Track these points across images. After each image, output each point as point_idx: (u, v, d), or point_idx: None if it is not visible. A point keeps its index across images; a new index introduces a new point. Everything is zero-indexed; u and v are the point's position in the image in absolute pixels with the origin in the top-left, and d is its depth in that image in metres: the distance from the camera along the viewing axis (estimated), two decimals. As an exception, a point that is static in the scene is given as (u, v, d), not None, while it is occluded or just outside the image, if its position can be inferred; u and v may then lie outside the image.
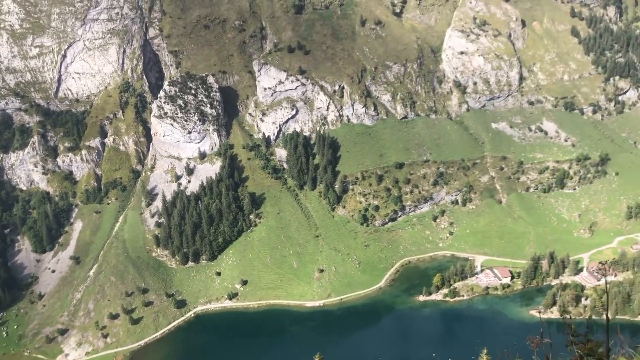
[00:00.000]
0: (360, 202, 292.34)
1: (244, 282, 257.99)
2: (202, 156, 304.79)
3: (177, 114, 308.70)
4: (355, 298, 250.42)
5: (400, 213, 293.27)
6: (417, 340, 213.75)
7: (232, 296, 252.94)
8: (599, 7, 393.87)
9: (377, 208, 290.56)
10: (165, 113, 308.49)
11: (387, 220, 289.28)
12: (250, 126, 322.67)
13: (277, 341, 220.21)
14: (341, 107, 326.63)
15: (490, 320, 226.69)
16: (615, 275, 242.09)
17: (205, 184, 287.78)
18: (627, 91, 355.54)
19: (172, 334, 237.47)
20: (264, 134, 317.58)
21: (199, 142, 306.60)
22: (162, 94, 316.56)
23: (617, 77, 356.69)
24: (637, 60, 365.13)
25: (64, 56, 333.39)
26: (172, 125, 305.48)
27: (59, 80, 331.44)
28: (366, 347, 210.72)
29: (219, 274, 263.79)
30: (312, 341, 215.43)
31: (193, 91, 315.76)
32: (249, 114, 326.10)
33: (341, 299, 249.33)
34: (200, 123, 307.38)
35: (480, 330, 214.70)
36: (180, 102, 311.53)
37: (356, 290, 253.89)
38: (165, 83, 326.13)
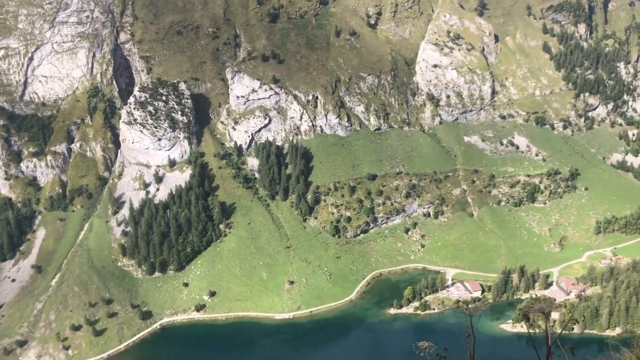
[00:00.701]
0: (332, 213, 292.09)
1: (212, 294, 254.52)
2: (172, 164, 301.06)
3: (147, 120, 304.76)
4: (326, 310, 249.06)
5: (372, 225, 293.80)
6: (388, 354, 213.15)
7: (200, 308, 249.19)
8: (570, 25, 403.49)
9: (349, 219, 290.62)
10: (135, 119, 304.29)
11: (359, 231, 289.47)
12: (222, 134, 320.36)
13: (245, 354, 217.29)
14: (314, 117, 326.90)
15: (461, 334, 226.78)
16: (584, 291, 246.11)
17: (174, 193, 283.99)
18: (596, 107, 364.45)
19: (137, 346, 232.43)
20: (235, 142, 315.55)
21: (169, 150, 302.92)
22: (132, 99, 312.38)
23: (587, 94, 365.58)
24: (606, 77, 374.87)
25: (31, 59, 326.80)
26: (142, 132, 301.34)
27: (25, 84, 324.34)
28: (337, 359, 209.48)
29: (186, 284, 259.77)
30: (282, 354, 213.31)
31: (164, 98, 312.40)
32: (221, 122, 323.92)
33: (311, 312, 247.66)
34: (171, 130, 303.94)
35: (451, 344, 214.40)
36: (150, 108, 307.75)
37: (327, 302, 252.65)
38: (136, 89, 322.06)
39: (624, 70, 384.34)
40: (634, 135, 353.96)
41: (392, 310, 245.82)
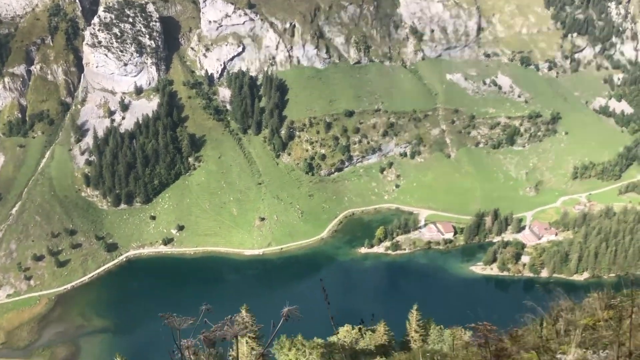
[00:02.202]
0: (307, 150, 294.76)
1: (181, 228, 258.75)
2: (139, 91, 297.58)
3: (112, 43, 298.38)
4: (296, 248, 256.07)
5: (347, 163, 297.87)
6: (357, 292, 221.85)
7: (167, 241, 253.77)
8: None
9: (323, 157, 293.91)
10: (99, 42, 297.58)
11: (333, 170, 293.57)
12: (192, 62, 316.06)
13: (213, 289, 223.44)
14: (291, 47, 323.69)
15: (431, 275, 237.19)
16: (556, 235, 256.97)
17: (141, 122, 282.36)
18: (583, 49, 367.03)
19: (102, 278, 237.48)
20: (206, 71, 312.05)
21: (135, 76, 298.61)
22: (96, 20, 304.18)
23: (575, 34, 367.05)
24: (596, 18, 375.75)
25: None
26: (107, 55, 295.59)
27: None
28: (306, 296, 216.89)
29: (153, 218, 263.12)
30: (250, 290, 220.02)
31: (131, 20, 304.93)
32: (191, 48, 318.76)
33: (282, 249, 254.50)
34: (138, 55, 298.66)
35: (420, 284, 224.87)
36: (116, 30, 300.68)
37: (297, 240, 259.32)
38: (100, 9, 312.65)
39: (614, 11, 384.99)
40: (619, 79, 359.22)
41: (363, 250, 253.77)
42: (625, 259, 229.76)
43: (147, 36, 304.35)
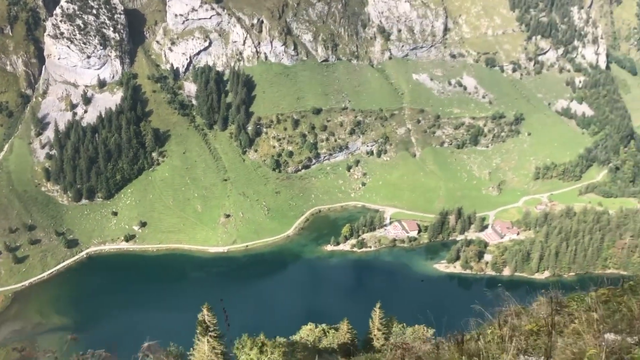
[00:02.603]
0: (274, 147, 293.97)
1: (143, 224, 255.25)
2: (102, 84, 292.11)
3: (75, 35, 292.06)
4: (262, 245, 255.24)
5: (314, 161, 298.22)
6: (322, 290, 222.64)
7: (129, 238, 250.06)
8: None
9: (290, 154, 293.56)
10: (62, 33, 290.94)
11: (300, 167, 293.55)
12: (158, 55, 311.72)
13: (176, 286, 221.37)
14: (259, 43, 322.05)
15: (395, 273, 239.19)
16: (518, 234, 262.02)
17: (103, 116, 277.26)
18: (547, 52, 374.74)
19: (61, 274, 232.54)
20: (172, 65, 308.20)
21: (98, 69, 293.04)
22: (58, 11, 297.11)
23: (538, 37, 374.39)
24: (559, 22, 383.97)
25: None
26: (69, 47, 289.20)
27: None
28: (270, 294, 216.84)
29: (115, 213, 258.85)
30: (215, 288, 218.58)
31: (94, 11, 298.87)
32: (157, 41, 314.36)
33: (247, 246, 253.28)
34: (101, 47, 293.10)
35: (385, 282, 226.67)
36: (79, 22, 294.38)
37: (263, 237, 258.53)
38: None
39: (576, 15, 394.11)
40: (580, 82, 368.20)
41: (329, 247, 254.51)
42: (585, 258, 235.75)
43: (112, 28, 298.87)
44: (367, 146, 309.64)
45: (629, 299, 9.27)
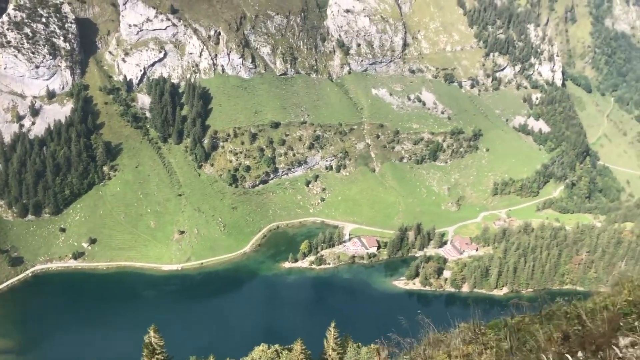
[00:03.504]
0: (231, 161, 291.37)
1: (93, 241, 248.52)
2: (51, 95, 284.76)
3: (22, 44, 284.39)
4: (218, 262, 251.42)
5: (272, 175, 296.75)
6: (279, 308, 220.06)
7: (78, 255, 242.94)
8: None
9: (248, 168, 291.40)
10: (8, 42, 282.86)
11: (257, 182, 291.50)
12: (110, 66, 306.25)
13: (127, 306, 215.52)
14: (216, 55, 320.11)
15: (354, 290, 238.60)
16: (477, 250, 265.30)
17: (52, 128, 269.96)
18: (504, 68, 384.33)
19: (5, 295, 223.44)
20: (125, 76, 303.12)
21: (47, 79, 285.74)
22: (5, 18, 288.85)
23: (496, 53, 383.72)
24: (516, 38, 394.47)
25: None
26: (16, 56, 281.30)
27: None
28: (226, 313, 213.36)
29: (63, 230, 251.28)
30: (168, 306, 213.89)
31: (44, 20, 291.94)
32: (109, 52, 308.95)
33: (202, 263, 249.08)
34: (51, 57, 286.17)
35: (344, 300, 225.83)
36: (27, 30, 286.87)
37: (219, 254, 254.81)
38: (10, 6, 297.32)
39: (533, 33, 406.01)
40: (537, 99, 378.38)
41: (287, 264, 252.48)
42: (542, 274, 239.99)
43: (62, 38, 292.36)
44: (326, 161, 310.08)
45: (536, 329, 8.82)
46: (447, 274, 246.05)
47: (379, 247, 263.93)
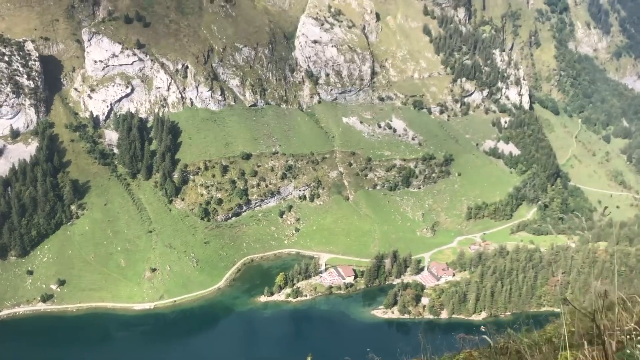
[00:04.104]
0: (202, 195, 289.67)
1: (62, 282, 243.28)
2: (15, 135, 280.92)
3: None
4: (191, 300, 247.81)
5: (245, 207, 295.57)
6: (256, 344, 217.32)
7: (47, 298, 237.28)
8: (450, 8, 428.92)
9: (220, 201, 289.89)
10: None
11: (230, 215, 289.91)
12: (76, 103, 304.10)
13: (99, 348, 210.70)
14: (184, 89, 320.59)
15: (333, 321, 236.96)
16: (454, 275, 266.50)
17: (17, 168, 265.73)
18: (472, 93, 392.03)
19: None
20: (91, 113, 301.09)
21: (11, 118, 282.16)
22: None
23: (463, 79, 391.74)
24: (482, 64, 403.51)
25: None
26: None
27: None
28: (201, 352, 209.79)
29: (30, 272, 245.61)
30: (141, 347, 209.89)
31: (7, 58, 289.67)
32: (75, 88, 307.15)
33: (175, 301, 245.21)
34: (14, 96, 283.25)
35: (322, 332, 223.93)
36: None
37: (193, 291, 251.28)
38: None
39: (499, 57, 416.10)
40: (505, 122, 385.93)
41: (263, 298, 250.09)
42: (520, 297, 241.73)
43: (25, 76, 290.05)
44: (300, 191, 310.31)
45: None
46: (425, 300, 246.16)
47: (355, 277, 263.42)
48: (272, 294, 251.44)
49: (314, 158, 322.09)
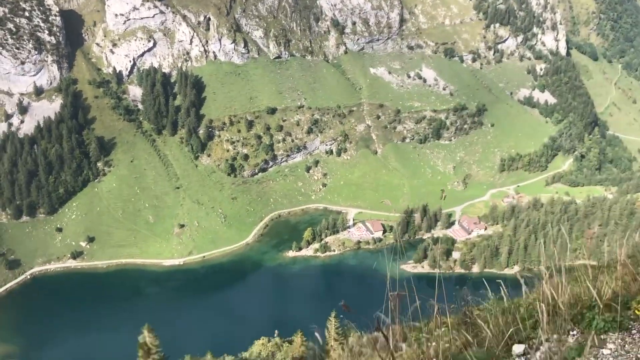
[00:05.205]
0: (228, 151, 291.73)
1: (91, 240, 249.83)
2: (39, 92, 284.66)
3: (6, 40, 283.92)
4: (220, 255, 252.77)
5: (271, 163, 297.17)
6: (285, 299, 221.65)
7: (77, 255, 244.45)
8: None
9: (246, 157, 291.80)
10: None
11: (257, 170, 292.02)
12: (98, 58, 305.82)
13: (130, 304, 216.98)
14: (207, 42, 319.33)
15: (361, 276, 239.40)
16: (486, 229, 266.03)
17: (42, 126, 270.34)
18: (506, 39, 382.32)
19: (3, 299, 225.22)
20: (114, 68, 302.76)
21: (34, 75, 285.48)
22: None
23: (497, 25, 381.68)
24: (517, 8, 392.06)
25: None
26: (1, 53, 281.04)
27: None
28: (231, 306, 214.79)
29: (60, 230, 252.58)
30: (172, 303, 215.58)
31: (27, 14, 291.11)
32: (97, 44, 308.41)
33: (204, 257, 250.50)
34: (36, 52, 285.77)
35: (350, 287, 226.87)
36: (10, 26, 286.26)
37: (221, 246, 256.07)
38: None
39: (534, 1, 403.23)
40: (541, 70, 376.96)
41: (291, 253, 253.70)
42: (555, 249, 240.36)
43: (47, 32, 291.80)
44: (326, 145, 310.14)
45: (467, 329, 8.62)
46: (456, 255, 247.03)
47: (384, 231, 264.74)
48: (300, 249, 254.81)
49: (340, 111, 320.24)
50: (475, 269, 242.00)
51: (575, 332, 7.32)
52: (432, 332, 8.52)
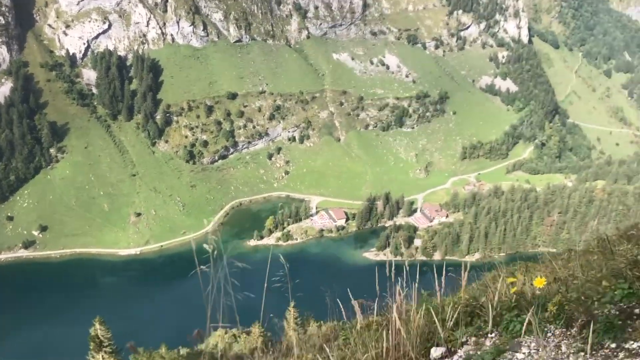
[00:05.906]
0: (186, 137, 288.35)
1: (44, 229, 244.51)
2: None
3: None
4: (178, 244, 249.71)
5: (232, 150, 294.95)
6: (245, 289, 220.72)
7: (29, 245, 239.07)
8: None
9: (205, 144, 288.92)
10: None
11: (216, 157, 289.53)
12: (51, 40, 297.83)
13: (84, 295, 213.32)
14: (164, 24, 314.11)
15: (324, 265, 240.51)
16: (447, 217, 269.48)
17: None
18: (469, 27, 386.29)
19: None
20: (67, 50, 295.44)
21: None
22: None
23: (460, 11, 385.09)
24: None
25: None
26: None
27: None
28: (189, 297, 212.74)
29: (10, 218, 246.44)
30: (128, 293, 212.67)
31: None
32: (49, 25, 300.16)
33: (162, 246, 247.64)
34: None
35: (313, 275, 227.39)
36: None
37: (179, 235, 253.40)
38: None
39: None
40: (503, 57, 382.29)
41: (253, 242, 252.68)
42: (514, 237, 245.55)
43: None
44: (289, 132, 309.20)
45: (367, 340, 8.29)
46: (417, 242, 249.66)
47: (347, 219, 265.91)
48: (262, 237, 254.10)
49: (303, 97, 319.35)
50: (437, 256, 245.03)
51: (493, 335, 7.23)
52: (359, 334, 8.28)
